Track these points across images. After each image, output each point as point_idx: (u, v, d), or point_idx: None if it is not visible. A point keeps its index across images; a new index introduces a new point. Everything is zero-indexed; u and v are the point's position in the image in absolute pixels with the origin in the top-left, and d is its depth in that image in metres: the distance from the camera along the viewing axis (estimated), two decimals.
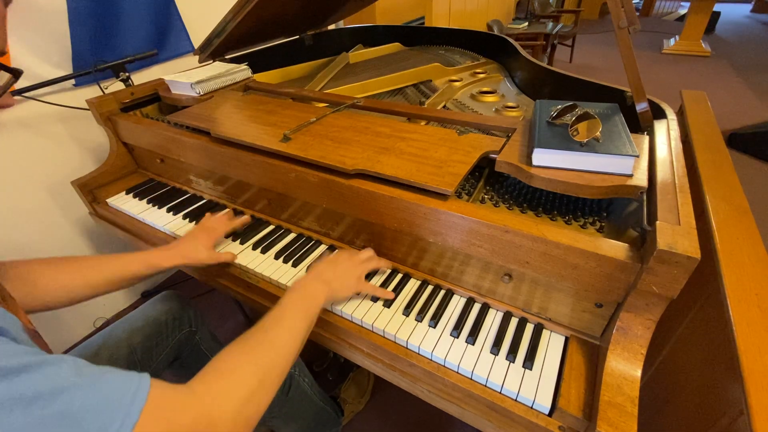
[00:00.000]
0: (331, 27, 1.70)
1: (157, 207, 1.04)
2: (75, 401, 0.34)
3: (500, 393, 0.59)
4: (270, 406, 0.77)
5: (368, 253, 0.76)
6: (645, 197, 0.60)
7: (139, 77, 1.42)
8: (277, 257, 0.84)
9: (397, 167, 0.69)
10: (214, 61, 1.24)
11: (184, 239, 0.81)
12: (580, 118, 0.66)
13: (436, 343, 0.65)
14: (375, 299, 0.73)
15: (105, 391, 0.36)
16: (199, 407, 0.42)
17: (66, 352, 0.80)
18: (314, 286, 0.65)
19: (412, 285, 0.76)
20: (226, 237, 0.91)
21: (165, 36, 1.48)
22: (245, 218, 0.90)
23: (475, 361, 0.62)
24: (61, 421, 0.32)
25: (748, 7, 7.41)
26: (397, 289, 0.75)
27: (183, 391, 0.42)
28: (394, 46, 1.60)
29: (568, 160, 0.62)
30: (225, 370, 0.47)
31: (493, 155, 0.69)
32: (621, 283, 0.54)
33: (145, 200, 1.07)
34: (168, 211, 1.02)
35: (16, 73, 0.53)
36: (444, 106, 1.06)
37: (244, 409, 0.45)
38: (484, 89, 1.13)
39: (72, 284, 0.68)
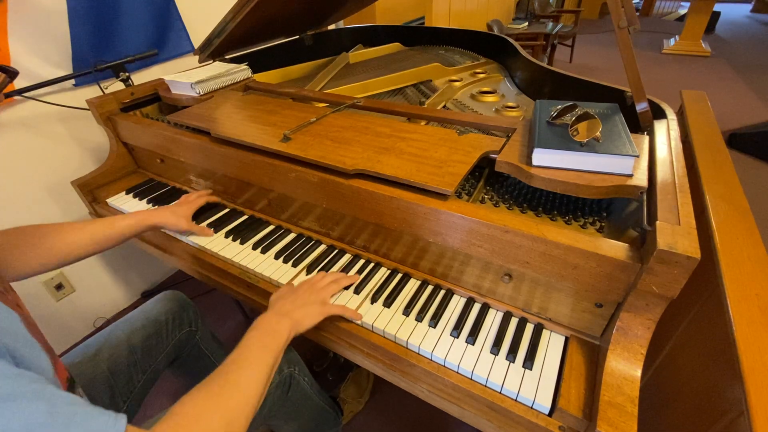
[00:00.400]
0: (331, 27, 1.70)
1: (157, 207, 1.04)
2: None
3: (500, 393, 0.59)
4: (270, 406, 0.78)
5: (330, 277, 0.74)
6: (645, 197, 0.60)
7: (139, 77, 1.42)
8: (277, 257, 0.84)
9: (397, 167, 0.69)
10: (214, 61, 1.24)
11: (166, 207, 0.92)
12: (580, 118, 0.66)
13: (436, 343, 0.65)
14: (375, 299, 0.73)
15: None
16: None
17: (66, 352, 0.80)
18: (275, 321, 0.63)
19: (412, 285, 0.76)
20: (226, 237, 0.91)
21: (165, 36, 1.48)
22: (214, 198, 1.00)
23: (475, 361, 0.62)
24: None
25: (748, 7, 7.41)
26: (397, 289, 0.75)
27: None
28: (394, 46, 1.60)
29: (568, 160, 0.62)
30: (190, 418, 0.45)
31: (493, 155, 0.69)
32: (621, 283, 0.54)
33: (145, 200, 1.07)
34: None
35: (12, 74, 0.53)
36: (444, 106, 1.06)
37: None
38: (484, 89, 1.13)
39: (57, 245, 0.72)
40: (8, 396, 0.33)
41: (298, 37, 1.53)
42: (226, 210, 1.00)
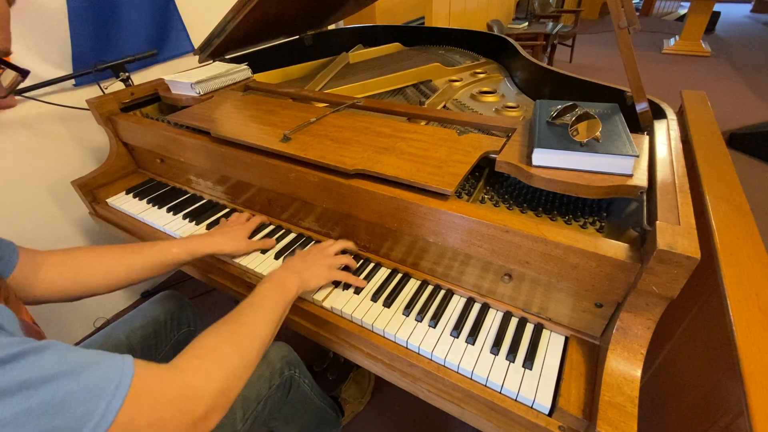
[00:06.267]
0: (331, 27, 1.70)
1: (157, 207, 1.04)
2: (59, 390, 0.34)
3: (500, 393, 0.59)
4: (270, 408, 0.78)
5: (339, 246, 0.79)
6: (645, 197, 0.60)
7: (139, 77, 1.42)
8: (277, 257, 0.84)
9: (397, 167, 0.69)
10: (214, 61, 1.24)
11: (219, 230, 0.86)
12: (580, 118, 0.66)
13: (436, 343, 0.65)
14: (375, 299, 0.73)
15: (89, 377, 0.36)
16: (182, 382, 0.43)
17: None
18: (286, 277, 0.68)
19: (412, 285, 0.76)
20: None
21: (165, 36, 1.48)
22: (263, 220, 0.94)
23: (475, 361, 0.62)
24: (46, 410, 0.33)
25: (748, 7, 7.41)
26: (397, 289, 0.75)
27: (166, 369, 0.44)
28: (394, 46, 1.60)
29: (568, 160, 0.62)
30: (207, 349, 0.49)
31: (493, 155, 0.69)
32: (621, 283, 0.54)
33: (145, 200, 1.07)
34: (168, 211, 1.02)
35: (24, 73, 0.52)
36: (444, 106, 1.06)
37: (225, 384, 0.47)
38: (484, 89, 1.13)
39: (114, 268, 0.70)
40: (15, 355, 0.34)
41: (298, 37, 1.53)
42: (226, 210, 1.01)
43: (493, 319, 0.70)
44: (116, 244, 0.73)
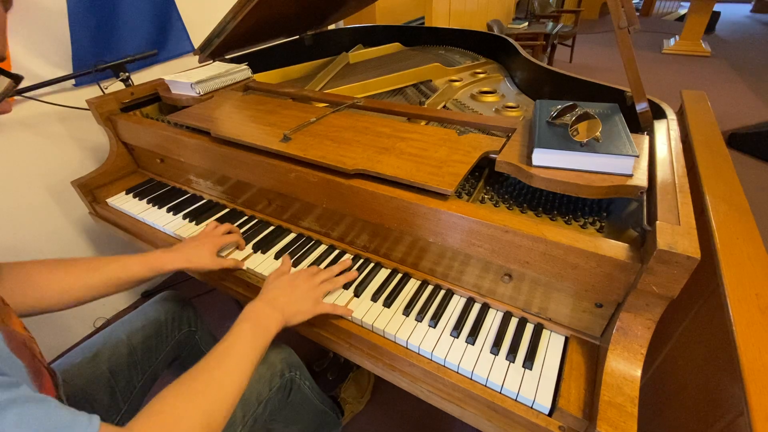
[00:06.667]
0: (331, 27, 1.70)
1: (157, 207, 1.04)
2: None
3: (500, 393, 0.59)
4: (270, 410, 0.78)
5: (325, 274, 0.74)
6: (645, 197, 0.60)
7: (139, 77, 1.42)
8: (277, 257, 0.84)
9: (397, 167, 0.69)
10: (214, 61, 1.24)
11: (187, 243, 0.81)
12: (580, 118, 0.66)
13: (436, 343, 0.65)
14: (375, 299, 0.73)
15: None
16: None
17: (66, 352, 0.80)
18: (267, 315, 0.63)
19: (412, 285, 0.76)
20: None
21: (165, 36, 1.48)
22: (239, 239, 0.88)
23: (475, 361, 0.62)
24: None
25: (748, 7, 7.41)
26: (397, 289, 0.75)
27: None
28: (394, 46, 1.60)
29: (568, 160, 0.62)
30: (169, 419, 0.45)
31: (493, 155, 0.69)
32: (621, 283, 0.54)
33: (145, 200, 1.07)
34: (168, 211, 1.02)
35: (17, 79, 0.52)
36: (444, 106, 1.06)
37: None
38: (484, 89, 1.13)
39: (70, 286, 0.67)
40: None
41: (298, 37, 1.53)
42: (226, 210, 1.01)
43: (493, 319, 0.70)
44: (76, 258, 0.70)
